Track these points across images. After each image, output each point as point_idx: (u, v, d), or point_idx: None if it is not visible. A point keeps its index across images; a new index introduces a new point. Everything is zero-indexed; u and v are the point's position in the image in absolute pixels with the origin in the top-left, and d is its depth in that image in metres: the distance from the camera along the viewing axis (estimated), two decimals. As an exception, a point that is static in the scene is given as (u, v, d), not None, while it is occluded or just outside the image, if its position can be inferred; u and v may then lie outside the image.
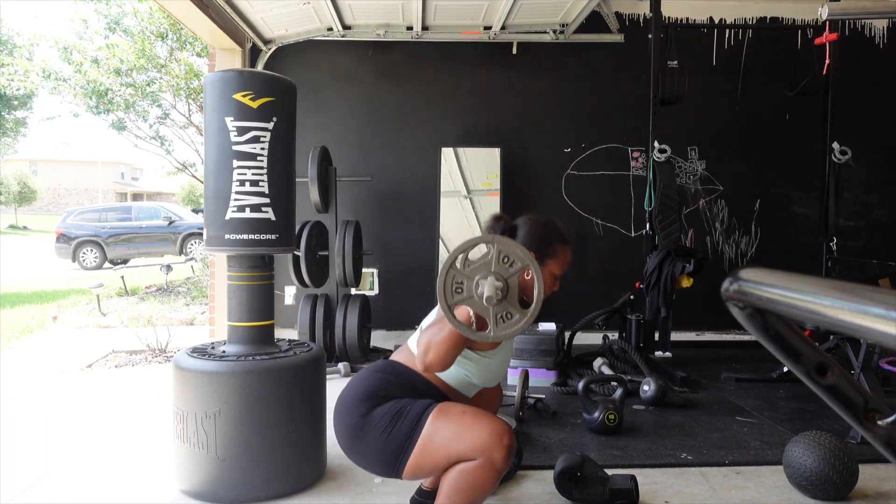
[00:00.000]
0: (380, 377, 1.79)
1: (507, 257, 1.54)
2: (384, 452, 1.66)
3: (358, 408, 1.72)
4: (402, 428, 1.64)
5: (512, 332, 1.54)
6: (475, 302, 1.54)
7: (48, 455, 2.77)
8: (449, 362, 1.62)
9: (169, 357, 4.78)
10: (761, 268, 0.65)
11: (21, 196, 30.56)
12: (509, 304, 1.53)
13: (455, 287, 1.54)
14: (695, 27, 5.30)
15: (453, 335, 1.58)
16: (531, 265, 1.53)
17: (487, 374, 1.84)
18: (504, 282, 1.53)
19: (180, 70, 8.45)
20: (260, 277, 2.41)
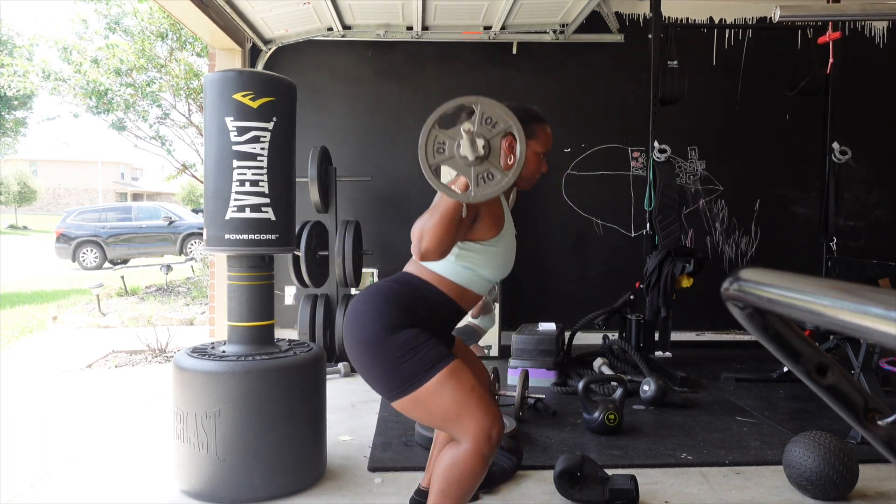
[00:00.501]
0: (394, 287, 1.74)
1: (490, 118, 1.51)
2: (387, 379, 1.64)
3: (373, 324, 1.66)
4: (413, 366, 1.61)
5: (494, 191, 1.51)
6: (457, 162, 1.51)
7: (48, 455, 2.77)
8: (445, 247, 1.57)
9: (169, 357, 4.78)
10: (761, 268, 0.65)
11: (21, 196, 30.56)
12: (491, 165, 1.50)
13: (437, 147, 1.52)
14: (695, 27, 5.30)
15: (444, 216, 1.55)
16: (514, 126, 1.50)
17: (495, 264, 1.77)
18: (486, 142, 1.50)
19: (180, 70, 8.45)
20: (260, 277, 2.41)
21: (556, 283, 5.36)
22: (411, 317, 1.67)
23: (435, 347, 1.64)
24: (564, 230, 5.37)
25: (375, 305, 1.70)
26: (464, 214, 1.59)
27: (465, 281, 1.76)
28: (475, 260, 1.74)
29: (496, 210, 1.74)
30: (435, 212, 1.57)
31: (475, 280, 1.77)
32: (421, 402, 1.61)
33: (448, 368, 1.61)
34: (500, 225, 1.75)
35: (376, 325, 1.66)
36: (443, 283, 1.75)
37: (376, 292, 1.74)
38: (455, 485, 1.60)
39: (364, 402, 3.52)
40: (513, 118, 1.51)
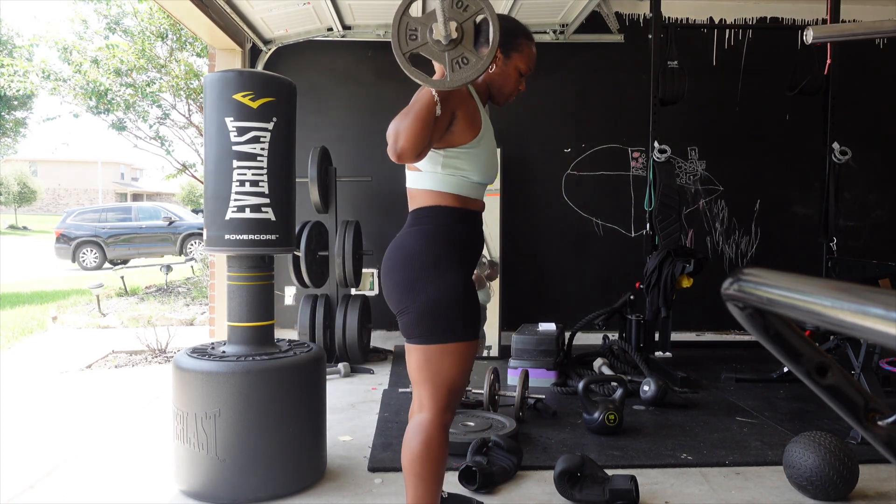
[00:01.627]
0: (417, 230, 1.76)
1: (460, 1, 1.49)
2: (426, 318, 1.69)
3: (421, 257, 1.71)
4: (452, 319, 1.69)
5: (470, 75, 1.50)
6: (430, 48, 1.49)
7: (48, 455, 2.77)
8: (420, 145, 1.57)
9: (169, 357, 4.78)
10: (761, 268, 0.65)
11: (21, 196, 30.56)
12: (465, 48, 1.49)
13: (409, 34, 1.50)
14: (695, 27, 5.30)
15: (419, 113, 1.55)
16: (485, 7, 1.49)
17: (479, 166, 1.77)
18: (458, 25, 1.48)
19: (180, 70, 8.45)
20: (260, 278, 2.41)
21: (556, 283, 5.36)
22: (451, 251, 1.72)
23: (474, 315, 1.75)
24: (564, 230, 5.37)
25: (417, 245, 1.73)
26: (438, 111, 1.58)
27: (457, 188, 1.76)
28: (460, 165, 1.74)
29: (471, 111, 1.73)
30: (409, 110, 1.57)
31: (466, 185, 1.77)
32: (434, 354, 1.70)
33: (471, 344, 1.73)
34: (478, 126, 1.74)
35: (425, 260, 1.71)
36: (442, 197, 1.75)
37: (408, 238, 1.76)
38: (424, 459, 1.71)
39: (364, 402, 3.52)
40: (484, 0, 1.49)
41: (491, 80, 1.81)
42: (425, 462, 1.71)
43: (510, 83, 1.83)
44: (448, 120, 1.66)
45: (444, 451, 1.75)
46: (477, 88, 1.81)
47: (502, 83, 1.82)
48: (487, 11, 1.49)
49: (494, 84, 1.82)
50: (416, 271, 1.71)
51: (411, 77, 1.50)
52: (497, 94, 1.84)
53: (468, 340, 1.72)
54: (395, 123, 1.57)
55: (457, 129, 1.70)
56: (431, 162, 1.73)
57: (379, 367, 4.31)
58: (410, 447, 1.73)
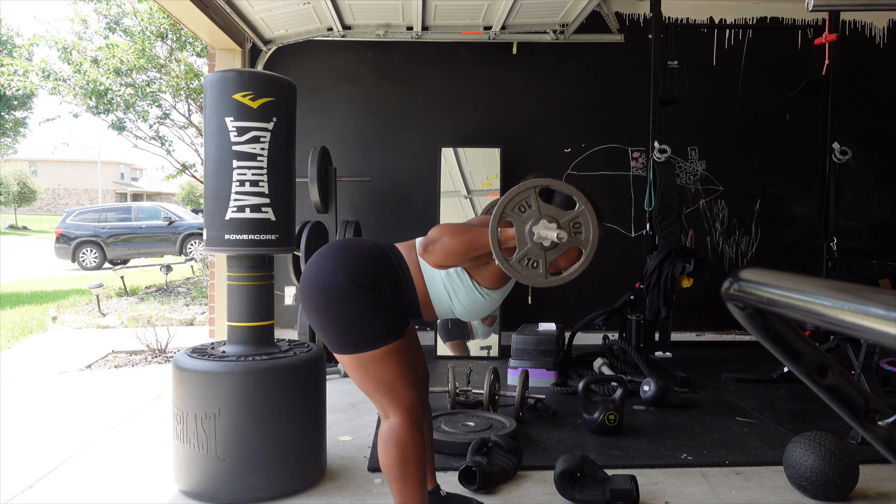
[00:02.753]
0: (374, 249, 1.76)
1: (579, 224, 1.55)
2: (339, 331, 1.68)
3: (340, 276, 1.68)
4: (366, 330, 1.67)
5: (525, 276, 1.55)
6: (522, 228, 1.53)
7: (48, 455, 2.77)
8: (449, 264, 1.61)
9: (169, 357, 4.78)
10: (761, 268, 0.65)
11: (21, 196, 30.54)
12: (545, 258, 1.53)
13: (521, 206, 1.54)
14: (695, 27, 5.30)
15: (472, 245, 1.59)
16: (587, 250, 1.55)
17: (470, 307, 1.79)
18: (560, 239, 1.53)
19: (180, 70, 8.44)
20: (260, 278, 2.41)
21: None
22: (377, 286, 1.70)
23: (391, 320, 1.71)
24: (564, 230, 5.36)
25: (348, 259, 1.72)
26: (486, 261, 1.63)
27: (436, 296, 1.78)
28: (458, 291, 1.76)
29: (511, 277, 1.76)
30: (468, 234, 1.60)
31: (445, 303, 1.79)
32: (362, 365, 1.68)
33: (395, 345, 1.69)
34: (501, 286, 1.77)
35: (344, 277, 1.68)
36: (418, 281, 1.76)
37: (354, 245, 1.77)
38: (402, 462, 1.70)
39: (364, 402, 3.52)
40: (594, 243, 1.55)
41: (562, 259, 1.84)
42: (403, 465, 1.71)
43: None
44: (486, 260, 1.69)
45: (419, 451, 1.73)
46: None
47: None
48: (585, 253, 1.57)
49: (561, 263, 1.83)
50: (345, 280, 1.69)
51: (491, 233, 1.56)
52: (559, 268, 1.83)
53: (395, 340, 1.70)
54: (448, 231, 1.62)
55: (487, 271, 1.72)
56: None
57: (379, 367, 4.31)
58: (385, 454, 1.73)
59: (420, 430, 1.76)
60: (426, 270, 1.75)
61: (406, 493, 1.73)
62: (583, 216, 1.54)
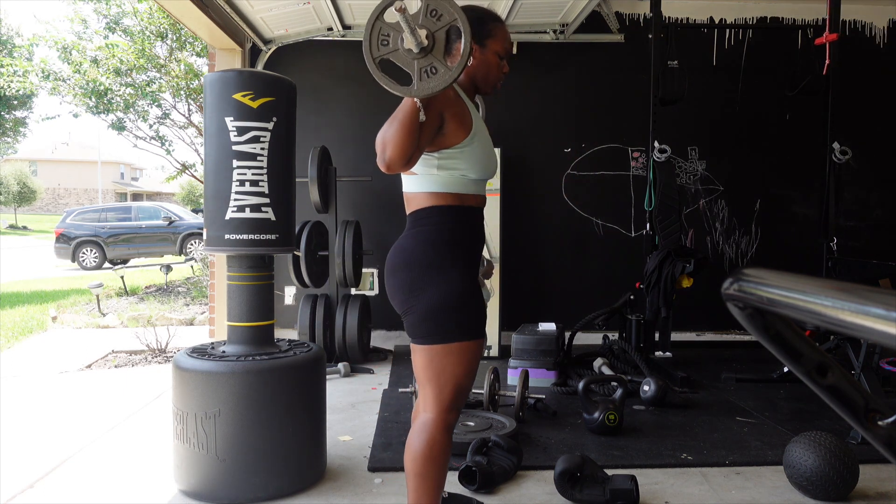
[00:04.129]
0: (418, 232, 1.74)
1: (434, 10, 1.48)
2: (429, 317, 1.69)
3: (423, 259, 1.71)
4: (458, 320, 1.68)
5: (436, 85, 1.48)
6: (400, 55, 1.48)
7: (48, 455, 2.77)
8: (408, 152, 1.55)
9: (169, 357, 4.78)
10: (761, 268, 0.65)
11: (21, 196, 30.55)
12: (434, 58, 1.47)
13: (381, 40, 1.49)
14: (695, 27, 5.30)
15: (403, 122, 1.54)
16: (458, 17, 1.48)
17: (476, 164, 1.76)
18: (430, 34, 1.47)
19: (180, 70, 8.44)
20: (260, 277, 2.41)
21: (556, 283, 5.36)
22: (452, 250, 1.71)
23: (479, 314, 1.74)
24: (564, 230, 5.37)
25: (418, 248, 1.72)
26: (421, 118, 1.55)
27: (456, 186, 1.75)
28: (457, 165, 1.73)
29: (459, 110, 1.72)
30: (393, 119, 1.56)
31: (465, 183, 1.76)
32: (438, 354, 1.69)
33: (478, 342, 1.73)
34: (468, 124, 1.73)
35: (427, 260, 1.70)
36: (441, 197, 1.74)
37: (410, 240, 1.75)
38: (427, 459, 1.71)
39: (364, 402, 3.52)
40: (456, 8, 1.48)
41: (473, 73, 1.80)
42: (427, 462, 1.71)
43: (493, 70, 1.82)
44: (437, 122, 1.64)
45: (446, 452, 1.74)
46: (462, 85, 1.80)
47: (485, 73, 1.81)
48: (460, 21, 1.47)
49: (478, 76, 1.81)
50: (417, 272, 1.70)
51: (380, 82, 1.48)
52: (483, 85, 1.83)
53: (472, 340, 1.71)
54: (381, 133, 1.57)
55: (447, 130, 1.68)
56: (426, 165, 1.71)
57: (379, 366, 4.31)
58: (413, 446, 1.73)
59: (451, 433, 1.76)
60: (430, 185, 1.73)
61: (421, 490, 1.73)
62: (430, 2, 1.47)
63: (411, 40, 1.45)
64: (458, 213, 1.75)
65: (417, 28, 1.45)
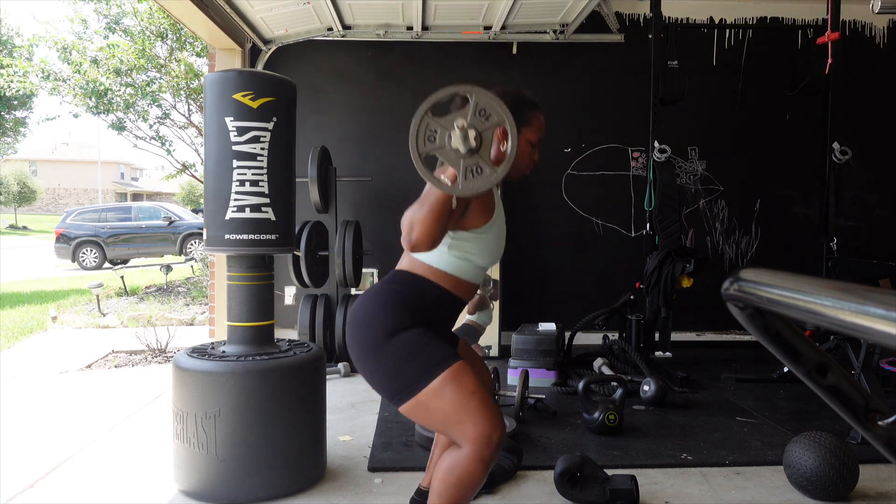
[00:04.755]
0: (388, 289, 1.71)
1: (483, 110, 1.48)
2: (391, 381, 1.62)
3: (372, 330, 1.65)
4: (415, 369, 1.60)
5: (480, 186, 1.49)
6: (446, 153, 1.48)
7: (48, 455, 2.77)
8: (434, 236, 1.54)
9: (169, 357, 4.78)
10: (762, 268, 0.65)
11: (21, 196, 30.55)
12: (480, 158, 1.48)
13: (428, 135, 1.49)
14: (695, 27, 5.30)
15: (434, 207, 1.52)
16: (507, 120, 1.48)
17: (487, 251, 1.75)
18: (478, 134, 1.48)
19: (180, 70, 8.44)
20: (260, 277, 2.41)
21: (556, 283, 5.36)
22: (410, 317, 1.65)
23: (437, 349, 1.62)
24: (564, 230, 5.37)
25: (374, 310, 1.68)
26: (454, 205, 1.55)
27: (458, 270, 1.73)
28: (467, 248, 1.72)
29: (486, 197, 1.71)
30: (424, 202, 1.54)
31: (468, 269, 1.75)
32: (423, 405, 1.59)
33: (450, 370, 1.58)
34: (491, 212, 1.72)
35: (376, 331, 1.64)
36: (437, 274, 1.72)
37: (372, 297, 1.72)
38: (454, 489, 1.58)
39: (364, 402, 3.52)
40: (506, 111, 1.48)
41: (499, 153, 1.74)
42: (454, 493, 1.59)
43: (524, 158, 1.79)
44: (462, 207, 1.64)
45: (475, 486, 1.59)
46: None
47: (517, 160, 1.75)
48: (508, 125, 1.48)
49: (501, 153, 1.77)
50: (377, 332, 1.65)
51: (425, 178, 1.49)
52: (512, 171, 1.72)
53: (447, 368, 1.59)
54: (410, 214, 1.55)
55: (471, 214, 1.68)
56: None
57: (379, 366, 4.31)
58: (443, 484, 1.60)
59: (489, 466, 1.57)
60: (432, 259, 1.72)
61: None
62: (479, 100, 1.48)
63: (462, 143, 1.46)
64: (448, 299, 1.73)
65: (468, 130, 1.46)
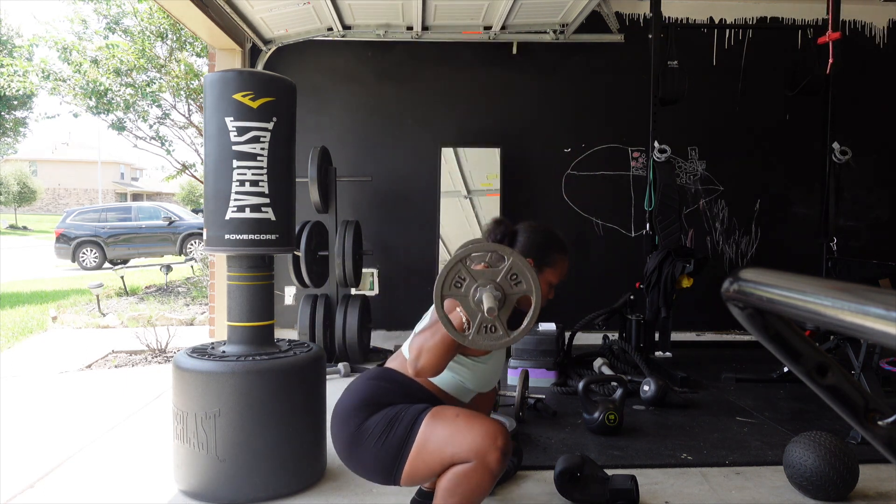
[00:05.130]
0: (374, 384, 1.79)
1: (515, 275, 1.53)
2: (380, 460, 1.66)
3: (354, 417, 1.73)
4: (397, 434, 1.65)
5: (489, 345, 1.53)
6: (467, 301, 1.53)
7: (48, 455, 2.77)
8: (440, 367, 1.60)
9: (169, 357, 4.78)
10: (761, 268, 0.65)
11: (21, 196, 30.54)
12: (497, 319, 1.52)
13: (456, 281, 1.54)
14: (695, 27, 5.30)
15: (445, 340, 1.57)
16: (534, 294, 1.52)
17: (482, 379, 1.84)
18: (503, 297, 1.52)
19: (180, 70, 8.44)
20: (260, 277, 2.41)
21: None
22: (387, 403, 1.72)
23: (408, 409, 1.68)
24: (564, 230, 5.31)
25: (354, 406, 1.75)
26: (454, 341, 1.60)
27: (449, 388, 1.81)
28: (463, 373, 1.80)
29: None
30: (436, 333, 1.59)
31: (460, 389, 1.82)
32: (420, 460, 1.63)
33: (427, 418, 1.64)
34: None
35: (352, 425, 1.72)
36: (427, 383, 1.80)
37: (356, 393, 1.78)
38: (457, 497, 1.60)
39: (364, 403, 3.51)
40: (536, 287, 1.51)
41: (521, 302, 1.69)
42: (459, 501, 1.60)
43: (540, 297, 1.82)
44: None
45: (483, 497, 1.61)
46: None
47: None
48: (534, 299, 1.51)
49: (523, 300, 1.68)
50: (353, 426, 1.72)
51: (441, 321, 1.52)
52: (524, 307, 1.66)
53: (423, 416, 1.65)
54: (420, 341, 1.60)
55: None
56: None
57: (379, 366, 4.31)
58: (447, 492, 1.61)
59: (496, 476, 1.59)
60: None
61: None
62: (515, 267, 1.53)
63: (486, 300, 1.49)
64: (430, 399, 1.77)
65: (496, 292, 1.50)
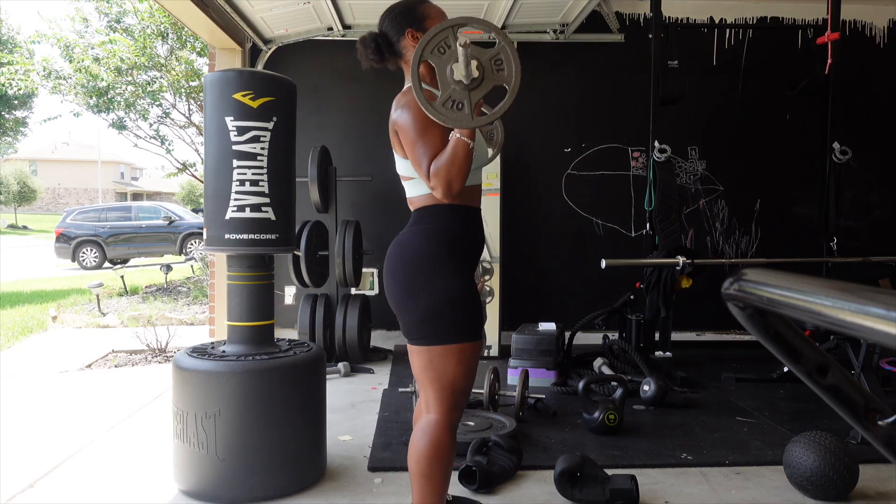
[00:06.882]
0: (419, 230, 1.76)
1: (500, 61, 1.50)
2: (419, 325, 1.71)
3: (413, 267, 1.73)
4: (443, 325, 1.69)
5: (452, 119, 1.52)
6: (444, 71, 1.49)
7: (48, 455, 2.77)
8: (465, 174, 1.62)
9: (169, 357, 4.78)
10: (762, 268, 0.65)
11: (21, 196, 30.54)
12: (466, 98, 1.50)
13: (440, 47, 1.49)
14: (695, 27, 5.30)
15: (464, 159, 1.58)
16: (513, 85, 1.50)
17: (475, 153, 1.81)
18: (482, 78, 1.49)
19: (180, 69, 8.44)
20: (260, 277, 2.41)
21: (556, 283, 5.36)
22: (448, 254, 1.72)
23: (472, 319, 1.74)
24: (564, 230, 5.37)
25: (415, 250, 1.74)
26: (471, 146, 1.60)
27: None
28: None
29: None
30: (454, 157, 1.59)
31: None
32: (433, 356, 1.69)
33: (475, 345, 1.73)
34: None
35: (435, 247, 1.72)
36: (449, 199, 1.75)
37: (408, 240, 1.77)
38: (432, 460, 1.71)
39: (364, 402, 3.52)
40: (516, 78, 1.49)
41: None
42: (432, 462, 1.72)
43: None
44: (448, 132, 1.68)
45: (451, 452, 1.75)
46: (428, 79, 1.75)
47: None
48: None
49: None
50: (417, 272, 1.72)
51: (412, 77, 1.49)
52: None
53: (471, 341, 1.72)
54: (445, 172, 1.60)
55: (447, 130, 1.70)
56: None
57: (379, 366, 4.31)
58: (417, 447, 1.74)
59: (455, 433, 1.78)
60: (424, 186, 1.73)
61: (427, 490, 1.74)
62: (503, 52, 1.48)
63: (465, 70, 1.46)
64: (461, 212, 1.77)
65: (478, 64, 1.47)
